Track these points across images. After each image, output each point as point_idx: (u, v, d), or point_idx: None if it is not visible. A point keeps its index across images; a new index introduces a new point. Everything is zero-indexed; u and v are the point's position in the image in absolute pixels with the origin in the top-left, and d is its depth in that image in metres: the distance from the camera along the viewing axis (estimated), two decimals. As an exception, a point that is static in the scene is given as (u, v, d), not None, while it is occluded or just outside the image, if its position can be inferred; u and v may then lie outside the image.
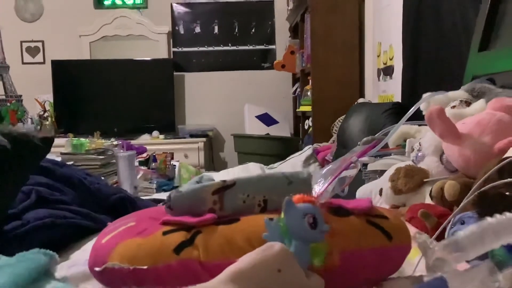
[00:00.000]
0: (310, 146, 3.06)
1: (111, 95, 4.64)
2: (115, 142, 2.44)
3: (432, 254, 0.53)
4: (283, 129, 4.51)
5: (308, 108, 3.67)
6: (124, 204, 1.26)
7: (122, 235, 0.66)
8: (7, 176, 0.88)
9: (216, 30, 4.87)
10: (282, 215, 0.56)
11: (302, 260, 0.54)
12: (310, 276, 0.54)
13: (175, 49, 4.86)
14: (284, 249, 0.52)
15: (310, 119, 3.65)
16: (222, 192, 0.68)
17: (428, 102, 1.29)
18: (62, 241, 1.02)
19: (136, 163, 2.25)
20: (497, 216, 0.53)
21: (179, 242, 0.63)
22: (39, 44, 4.83)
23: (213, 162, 4.81)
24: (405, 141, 1.41)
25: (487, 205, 0.71)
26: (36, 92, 4.67)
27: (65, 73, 4.63)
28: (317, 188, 1.38)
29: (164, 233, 0.64)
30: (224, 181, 0.70)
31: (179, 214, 0.68)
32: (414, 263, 0.70)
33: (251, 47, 4.88)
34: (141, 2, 4.81)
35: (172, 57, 4.83)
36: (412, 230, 0.76)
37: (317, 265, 0.55)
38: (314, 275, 0.55)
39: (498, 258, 0.65)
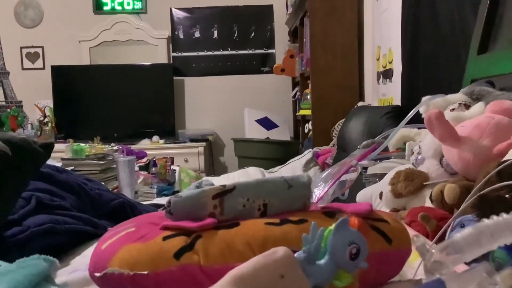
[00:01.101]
0: (310, 149, 3.07)
1: (111, 100, 4.65)
2: (115, 147, 2.44)
3: (430, 257, 0.53)
4: (283, 133, 4.52)
5: (308, 112, 3.67)
6: (124, 209, 1.26)
7: (122, 240, 0.66)
8: (8, 182, 0.88)
9: (215, 35, 4.88)
10: (332, 226, 0.56)
11: (324, 276, 0.54)
12: None
13: (175, 54, 4.88)
14: (288, 254, 0.51)
15: (310, 122, 3.65)
16: (222, 197, 0.68)
17: (427, 105, 1.29)
18: (62, 246, 1.02)
19: (136, 168, 2.25)
20: (494, 217, 0.53)
21: (179, 247, 0.62)
22: (39, 50, 4.84)
23: (213, 166, 4.81)
24: (405, 144, 1.41)
25: (487, 208, 0.71)
26: (36, 98, 4.68)
27: (65, 79, 4.64)
28: (317, 192, 1.38)
29: (164, 238, 0.64)
30: (224, 185, 0.70)
31: (179, 219, 0.68)
32: (415, 267, 0.70)
33: (250, 51, 4.89)
34: (140, 7, 4.83)
35: (171, 61, 4.85)
36: (412, 233, 0.76)
37: (336, 286, 0.55)
38: None
39: (499, 261, 0.65)
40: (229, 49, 4.89)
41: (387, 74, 2.95)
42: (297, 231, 0.65)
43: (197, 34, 4.88)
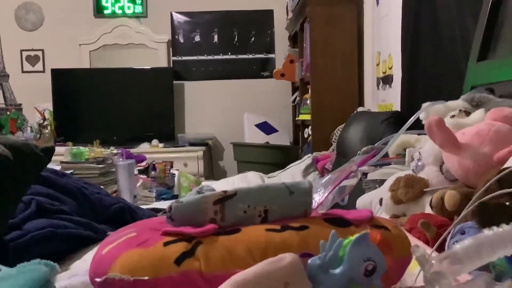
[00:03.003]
0: (310, 155, 3.07)
1: (111, 104, 4.65)
2: (115, 151, 2.44)
3: (429, 267, 0.53)
4: (282, 138, 4.52)
5: (307, 117, 3.67)
6: (124, 214, 1.26)
7: (123, 246, 0.66)
8: (9, 186, 0.88)
9: (215, 39, 4.89)
10: (353, 237, 0.55)
11: (335, 286, 0.53)
12: None
13: (175, 58, 4.88)
14: (294, 262, 0.51)
15: (310, 127, 3.65)
16: (223, 203, 0.69)
17: (427, 111, 1.30)
18: (63, 251, 1.02)
19: (136, 172, 2.25)
20: (494, 228, 0.53)
21: (180, 253, 0.62)
22: (39, 53, 4.84)
23: (213, 171, 4.81)
24: (405, 150, 1.41)
25: (487, 215, 0.71)
26: (35, 101, 4.67)
27: (64, 82, 4.64)
28: (317, 198, 1.38)
29: (165, 244, 0.64)
30: (225, 191, 0.70)
31: (180, 225, 0.68)
32: (415, 274, 0.70)
33: (250, 56, 4.90)
34: (141, 11, 4.83)
35: (171, 65, 4.85)
36: (412, 240, 0.76)
37: None
38: None
39: (500, 269, 0.65)
40: (229, 53, 4.89)
41: (386, 79, 2.96)
42: (298, 237, 0.65)
43: (197, 38, 4.89)
